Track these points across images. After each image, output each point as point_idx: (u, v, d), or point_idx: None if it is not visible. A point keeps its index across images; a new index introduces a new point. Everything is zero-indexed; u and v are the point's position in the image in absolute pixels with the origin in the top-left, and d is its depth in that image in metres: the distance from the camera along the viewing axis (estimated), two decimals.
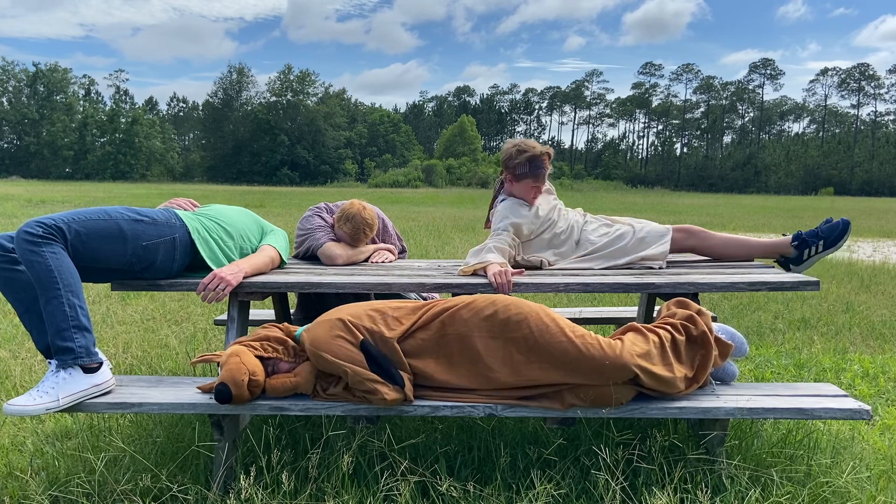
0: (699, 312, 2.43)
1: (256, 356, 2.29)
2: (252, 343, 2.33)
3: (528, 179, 3.16)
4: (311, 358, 2.27)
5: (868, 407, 2.27)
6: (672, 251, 3.13)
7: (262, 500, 2.14)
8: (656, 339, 2.34)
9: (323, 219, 3.48)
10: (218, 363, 2.28)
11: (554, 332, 2.25)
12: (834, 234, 2.93)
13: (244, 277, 2.72)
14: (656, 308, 3.84)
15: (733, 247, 3.16)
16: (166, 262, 2.67)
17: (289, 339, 2.38)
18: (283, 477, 2.16)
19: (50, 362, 2.34)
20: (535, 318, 2.28)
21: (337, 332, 2.25)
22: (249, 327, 2.85)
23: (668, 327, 2.39)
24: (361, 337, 2.24)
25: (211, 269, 2.74)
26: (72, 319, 2.30)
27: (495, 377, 2.26)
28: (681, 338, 2.36)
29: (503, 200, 3.25)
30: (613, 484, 2.15)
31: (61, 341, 2.28)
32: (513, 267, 2.96)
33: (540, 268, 3.09)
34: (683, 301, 2.52)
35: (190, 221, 2.76)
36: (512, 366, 2.26)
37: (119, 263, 2.56)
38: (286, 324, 2.50)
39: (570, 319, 3.85)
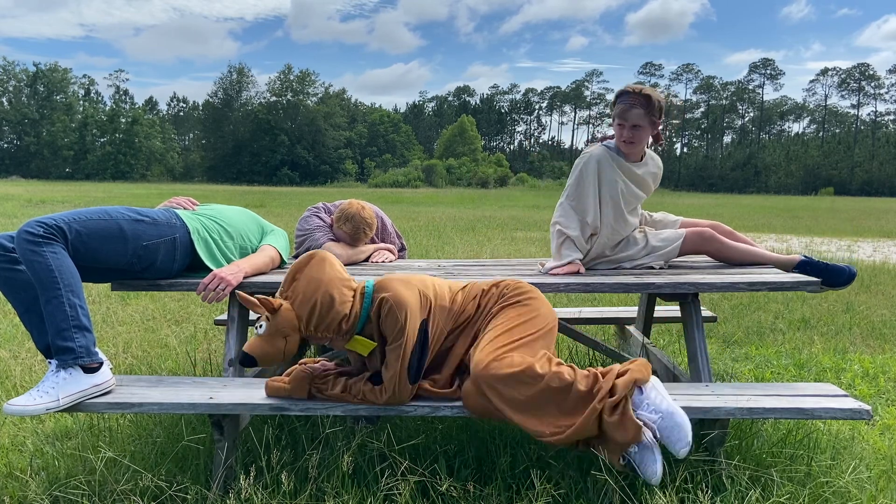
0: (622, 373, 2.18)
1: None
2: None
3: (616, 120, 2.95)
4: (386, 311, 2.22)
5: (868, 407, 2.26)
6: (686, 253, 3.09)
7: (261, 500, 2.14)
8: (547, 367, 2.15)
9: (321, 219, 3.48)
10: (269, 312, 2.18)
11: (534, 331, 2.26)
12: (837, 280, 2.89)
13: (244, 277, 2.73)
14: (657, 308, 3.84)
15: (749, 260, 3.09)
16: (167, 262, 2.68)
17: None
18: (283, 477, 2.16)
19: (50, 362, 2.34)
20: (541, 316, 2.31)
21: (418, 302, 2.26)
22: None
23: (587, 373, 2.19)
24: (424, 317, 2.26)
25: (211, 270, 2.74)
26: (72, 319, 2.30)
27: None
28: (581, 388, 2.12)
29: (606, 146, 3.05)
30: (613, 484, 2.15)
31: (61, 341, 2.28)
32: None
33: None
34: (643, 363, 2.27)
35: (190, 221, 2.76)
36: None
37: (119, 263, 2.56)
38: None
39: (570, 319, 3.87)
